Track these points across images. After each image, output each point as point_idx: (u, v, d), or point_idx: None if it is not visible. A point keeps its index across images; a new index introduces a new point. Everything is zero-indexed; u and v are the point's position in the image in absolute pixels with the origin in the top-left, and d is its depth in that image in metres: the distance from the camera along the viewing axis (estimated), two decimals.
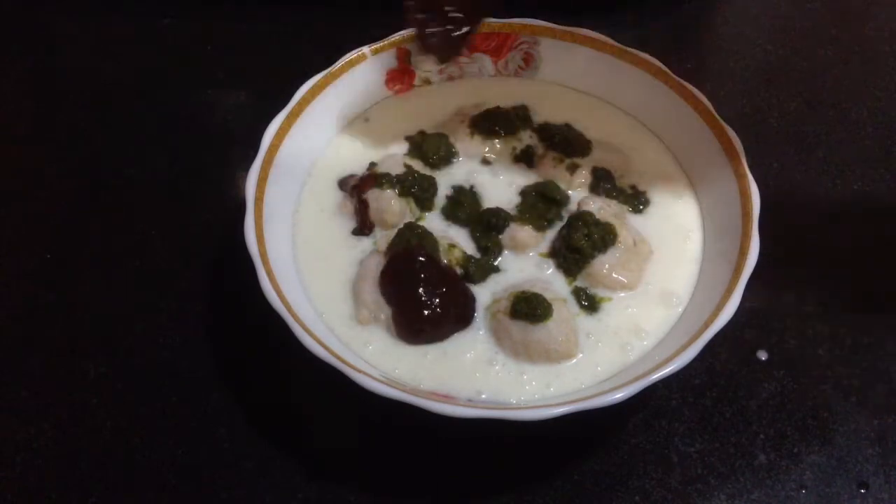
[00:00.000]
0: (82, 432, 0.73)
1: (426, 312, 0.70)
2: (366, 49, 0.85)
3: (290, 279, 0.72)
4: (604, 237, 0.73)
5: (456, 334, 0.71)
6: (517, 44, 0.89)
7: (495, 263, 0.75)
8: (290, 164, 0.79)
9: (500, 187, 0.81)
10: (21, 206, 0.91)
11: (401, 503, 0.70)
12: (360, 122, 0.87)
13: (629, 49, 0.84)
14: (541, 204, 0.78)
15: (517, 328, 0.69)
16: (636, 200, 0.80)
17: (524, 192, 0.80)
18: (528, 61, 0.90)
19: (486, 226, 0.77)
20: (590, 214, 0.75)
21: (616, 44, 0.85)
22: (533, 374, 0.69)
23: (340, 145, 0.85)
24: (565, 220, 0.77)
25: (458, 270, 0.74)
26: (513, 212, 0.78)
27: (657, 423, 0.73)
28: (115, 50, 1.08)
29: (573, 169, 0.81)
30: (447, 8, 0.73)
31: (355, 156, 0.84)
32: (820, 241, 0.87)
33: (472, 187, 0.81)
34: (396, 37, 0.86)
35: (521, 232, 0.76)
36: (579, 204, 0.78)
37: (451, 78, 0.91)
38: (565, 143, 0.82)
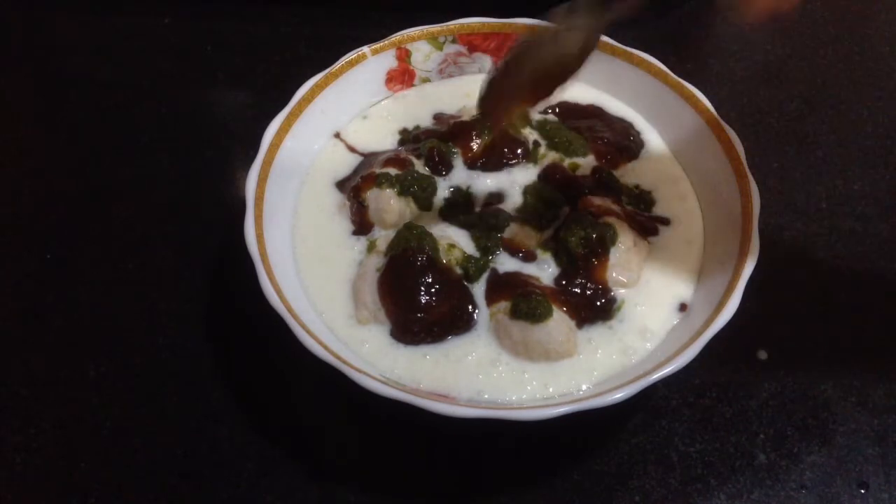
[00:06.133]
0: (82, 432, 0.73)
1: (423, 314, 0.70)
2: (366, 49, 0.85)
3: (290, 279, 0.72)
4: (602, 238, 0.73)
5: (457, 336, 0.71)
6: None
7: (494, 263, 0.75)
8: (289, 164, 0.79)
9: (501, 187, 0.81)
10: (21, 207, 0.91)
11: (401, 503, 0.70)
12: (359, 121, 0.87)
13: (629, 49, 0.84)
14: (541, 204, 0.78)
15: (517, 328, 0.69)
16: (641, 201, 0.80)
17: (524, 192, 0.80)
18: None
19: (486, 226, 0.77)
20: (587, 215, 0.74)
21: (616, 44, 0.85)
22: (533, 374, 0.69)
23: (340, 145, 0.85)
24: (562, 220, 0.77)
25: (458, 270, 0.74)
26: (513, 212, 0.78)
27: (657, 423, 0.73)
28: (115, 50, 1.08)
29: (574, 169, 0.81)
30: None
31: (355, 156, 0.84)
32: (819, 240, 0.87)
33: (468, 187, 0.81)
34: (396, 37, 0.87)
35: (521, 232, 0.76)
36: (579, 203, 0.78)
37: (450, 77, 0.91)
38: (566, 142, 0.82)
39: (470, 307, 0.72)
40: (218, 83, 1.04)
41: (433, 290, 0.71)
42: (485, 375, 0.69)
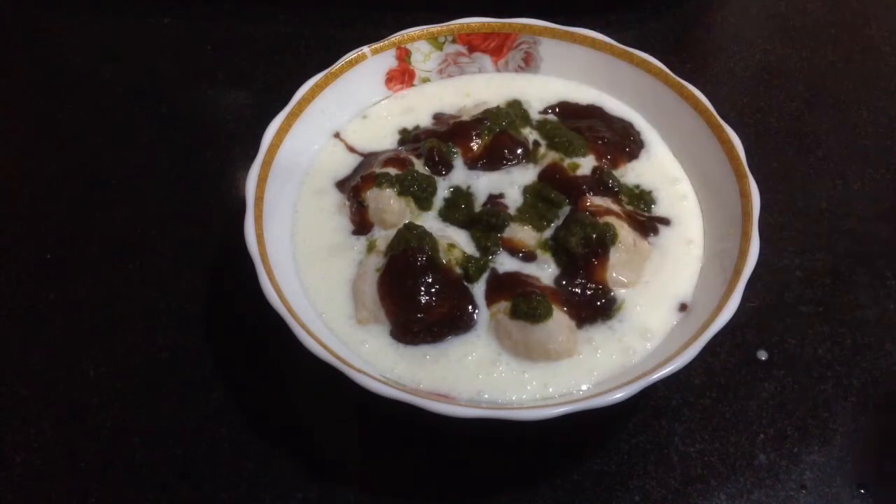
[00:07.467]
0: (82, 432, 0.73)
1: (423, 315, 0.70)
2: (366, 49, 0.85)
3: (290, 279, 0.72)
4: (602, 238, 0.73)
5: (457, 336, 0.71)
6: (517, 44, 0.89)
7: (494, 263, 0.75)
8: (289, 163, 0.79)
9: (501, 187, 0.81)
10: (21, 206, 0.91)
11: (401, 503, 0.70)
12: (359, 121, 0.87)
13: (629, 49, 0.84)
14: (541, 204, 0.78)
15: (517, 328, 0.69)
16: (641, 201, 0.80)
17: (524, 192, 0.80)
18: (529, 61, 0.90)
19: (486, 226, 0.77)
20: (587, 215, 0.74)
21: (616, 44, 0.85)
22: (533, 374, 0.69)
23: (340, 145, 0.85)
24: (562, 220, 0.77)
25: (458, 270, 0.74)
26: (513, 212, 0.78)
27: (657, 423, 0.73)
28: (115, 50, 1.08)
29: (574, 169, 0.81)
30: None
31: (354, 156, 0.84)
32: (819, 240, 0.87)
33: (468, 187, 0.81)
34: (396, 37, 0.87)
35: (521, 232, 0.76)
36: (580, 203, 0.78)
37: (450, 77, 0.91)
38: (566, 142, 0.82)
39: (470, 307, 0.72)
40: (218, 83, 1.04)
41: (433, 290, 0.71)
42: (485, 375, 0.69)
